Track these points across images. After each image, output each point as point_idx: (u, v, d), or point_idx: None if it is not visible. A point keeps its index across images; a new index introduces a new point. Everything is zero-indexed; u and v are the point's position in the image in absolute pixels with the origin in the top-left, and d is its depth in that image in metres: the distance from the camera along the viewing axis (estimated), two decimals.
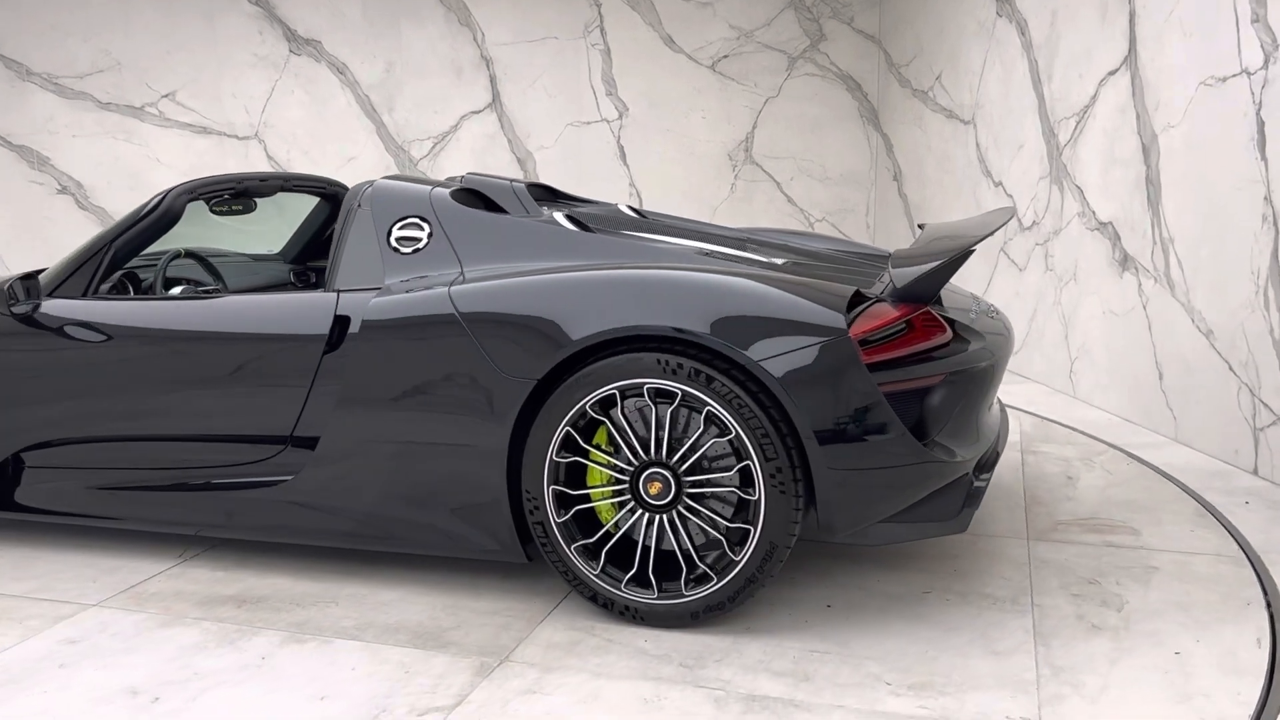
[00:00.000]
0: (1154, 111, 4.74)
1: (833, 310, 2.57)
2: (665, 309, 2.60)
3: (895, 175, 8.02)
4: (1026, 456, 4.32)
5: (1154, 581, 3.00)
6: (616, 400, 2.63)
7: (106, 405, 3.24)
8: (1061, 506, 3.67)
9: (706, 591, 2.64)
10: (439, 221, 3.03)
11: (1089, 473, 4.08)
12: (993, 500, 3.71)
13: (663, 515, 2.67)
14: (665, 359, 2.57)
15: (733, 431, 2.56)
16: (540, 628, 2.73)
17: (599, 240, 2.98)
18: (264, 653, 2.63)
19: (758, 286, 2.65)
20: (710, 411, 2.57)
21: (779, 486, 2.55)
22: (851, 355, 2.51)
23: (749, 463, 2.56)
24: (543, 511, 2.72)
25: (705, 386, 2.56)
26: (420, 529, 2.88)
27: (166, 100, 7.37)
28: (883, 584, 2.98)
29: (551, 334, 2.66)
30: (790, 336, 2.55)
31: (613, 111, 7.97)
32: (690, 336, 2.57)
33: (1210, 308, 4.38)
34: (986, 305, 3.36)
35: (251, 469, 3.07)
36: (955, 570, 3.08)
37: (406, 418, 2.82)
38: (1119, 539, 3.34)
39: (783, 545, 2.58)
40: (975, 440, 2.79)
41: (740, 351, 2.53)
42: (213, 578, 3.16)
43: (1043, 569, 3.09)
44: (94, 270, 3.35)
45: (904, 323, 2.66)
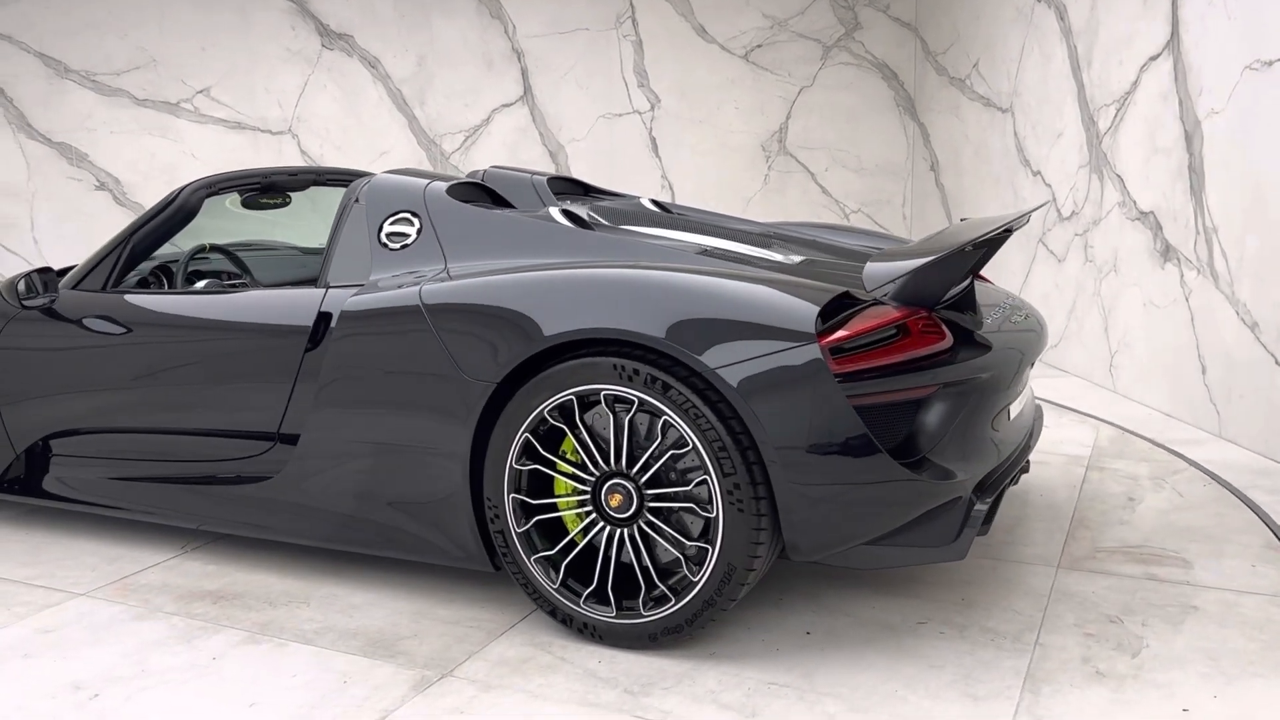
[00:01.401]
0: (1197, 97, 4.60)
1: (802, 314, 2.37)
2: (621, 311, 2.45)
3: (932, 165, 7.89)
4: (1091, 473, 3.98)
5: (1187, 624, 2.69)
6: (574, 406, 2.50)
7: (114, 397, 3.31)
8: (1110, 531, 3.35)
9: (665, 613, 2.48)
10: (429, 217, 2.96)
11: (1156, 494, 3.73)
12: (1031, 521, 3.43)
13: (624, 529, 2.52)
14: (622, 364, 2.43)
15: (689, 443, 2.39)
16: (497, 641, 2.64)
17: (593, 238, 2.85)
18: (218, 653, 2.65)
19: (725, 288, 2.47)
20: (667, 421, 2.42)
21: (737, 504, 2.36)
22: (817, 364, 2.30)
23: (706, 477, 2.40)
24: (503, 520, 2.61)
25: (661, 394, 2.40)
26: (393, 533, 2.82)
27: (201, 96, 7.43)
28: (876, 611, 2.77)
29: (509, 336, 2.55)
30: (752, 342, 2.36)
31: (645, 103, 7.91)
32: (643, 340, 2.41)
33: (1256, 300, 4.24)
34: (1015, 303, 3.19)
35: (243, 465, 3.08)
36: (962, 599, 2.84)
37: (377, 418, 2.76)
38: (1164, 571, 3.02)
39: (742, 568, 2.39)
40: (978, 458, 2.55)
41: (695, 357, 2.36)
42: (203, 571, 3.20)
43: (1063, 602, 2.82)
44: (113, 264, 3.43)
45: (895, 328, 2.43)
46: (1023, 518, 3.47)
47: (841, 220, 8.21)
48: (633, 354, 2.44)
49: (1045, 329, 3.24)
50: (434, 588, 2.98)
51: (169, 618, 2.87)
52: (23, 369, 3.49)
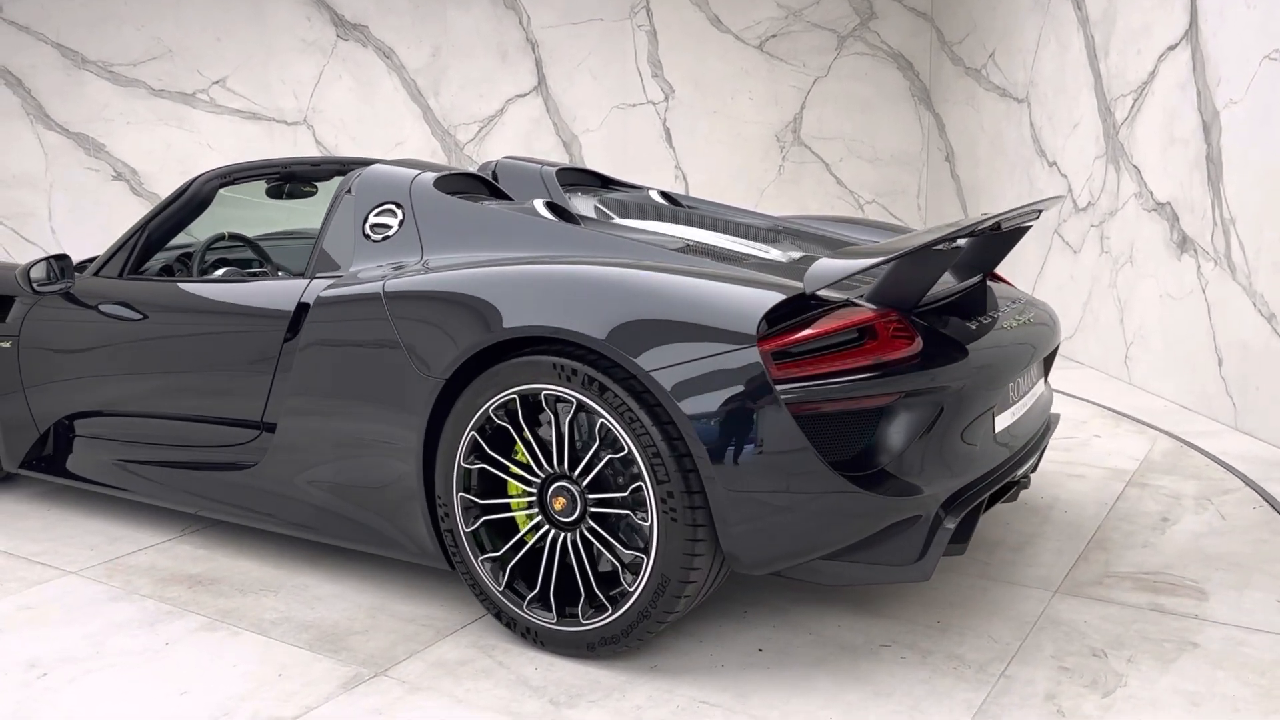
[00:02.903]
0: (1215, 87, 4.57)
1: (744, 316, 2.25)
2: (561, 308, 2.39)
3: (947, 156, 7.86)
4: (1130, 489, 3.69)
5: (1179, 662, 2.46)
6: (517, 405, 2.45)
7: (119, 380, 3.40)
8: (1128, 554, 3.10)
9: (602, 622, 2.41)
10: (411, 209, 2.95)
11: (1195, 515, 3.43)
12: (1045, 540, 3.21)
13: (568, 534, 2.46)
14: (561, 363, 2.36)
15: (625, 448, 2.32)
16: (444, 641, 2.62)
17: (575, 232, 2.79)
18: (174, 638, 2.70)
19: (670, 287, 2.37)
20: (605, 424, 2.34)
21: (670, 513, 2.27)
22: (755, 368, 2.19)
23: (641, 484, 2.31)
24: (452, 519, 2.59)
25: (598, 396, 2.32)
26: (359, 527, 2.83)
27: (217, 87, 7.46)
28: (840, 630, 2.64)
29: (459, 331, 2.52)
30: (690, 344, 2.25)
31: (659, 93, 7.90)
32: (579, 339, 2.34)
33: (1273, 291, 4.22)
34: (1023, 306, 3.02)
35: (232, 452, 3.12)
36: (938, 622, 2.67)
37: (342, 410, 2.76)
38: (1173, 602, 2.78)
39: (677, 580, 2.29)
40: (947, 472, 2.38)
41: (630, 358, 2.28)
42: (192, 555, 3.27)
43: (1048, 631, 2.62)
44: (129, 253, 3.52)
45: (860, 331, 2.29)
46: (1036, 535, 3.26)
47: (856, 211, 8.18)
48: (574, 353, 2.37)
49: (1057, 332, 3.11)
50: (399, 583, 2.99)
51: (142, 600, 2.93)
52: (41, 352, 3.61)
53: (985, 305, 2.84)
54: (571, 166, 3.69)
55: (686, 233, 3.07)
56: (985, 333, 2.65)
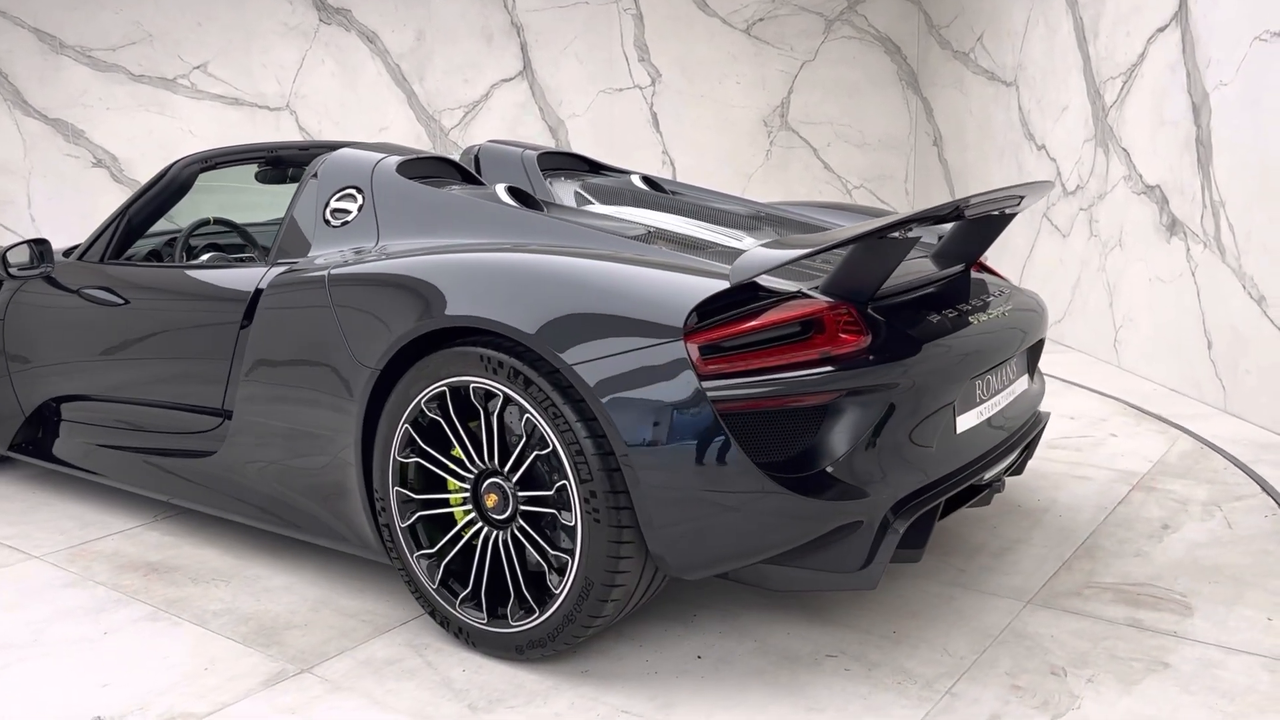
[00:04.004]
0: (1205, 69, 4.55)
1: (672, 308, 2.15)
2: (489, 298, 2.31)
3: (935, 140, 7.84)
4: (1136, 493, 3.50)
5: (1145, 683, 2.30)
6: (447, 397, 2.38)
7: (94, 365, 3.40)
8: (1116, 564, 2.94)
9: (530, 625, 2.34)
10: (371, 193, 2.90)
11: (1199, 523, 3.24)
12: (1029, 546, 3.05)
13: (501, 532, 2.39)
14: (489, 355, 2.29)
15: (550, 445, 2.24)
16: (379, 639, 2.58)
17: (534, 219, 2.71)
18: (114, 628, 2.69)
19: (601, 277, 2.29)
20: (531, 419, 2.26)
21: (594, 513, 2.19)
22: (681, 364, 2.11)
23: (565, 483, 2.23)
24: (389, 514, 2.53)
25: (523, 389, 2.25)
26: (307, 519, 2.79)
27: (198, 72, 7.37)
28: (788, 638, 2.53)
29: (393, 321, 2.46)
30: (616, 336, 2.17)
31: (645, 78, 7.85)
32: (503, 330, 2.26)
33: (1264, 273, 4.21)
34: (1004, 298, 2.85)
35: (195, 440, 3.10)
36: (894, 632, 2.55)
37: (287, 399, 2.73)
38: (1154, 618, 2.61)
39: (601, 583, 2.21)
40: (896, 475, 2.27)
41: (554, 351, 2.20)
42: (157, 543, 3.26)
43: (1009, 645, 2.48)
44: (110, 239, 3.50)
45: (803, 325, 2.19)
46: (1021, 541, 3.11)
47: (844, 197, 8.15)
48: (503, 345, 2.31)
49: (1041, 325, 2.98)
50: (349, 577, 2.96)
51: (95, 588, 2.93)
52: (24, 336, 3.63)
53: (962, 296, 2.69)
54: (557, 150, 3.65)
55: (659, 219, 3.00)
56: (954, 325, 2.50)
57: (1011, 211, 2.69)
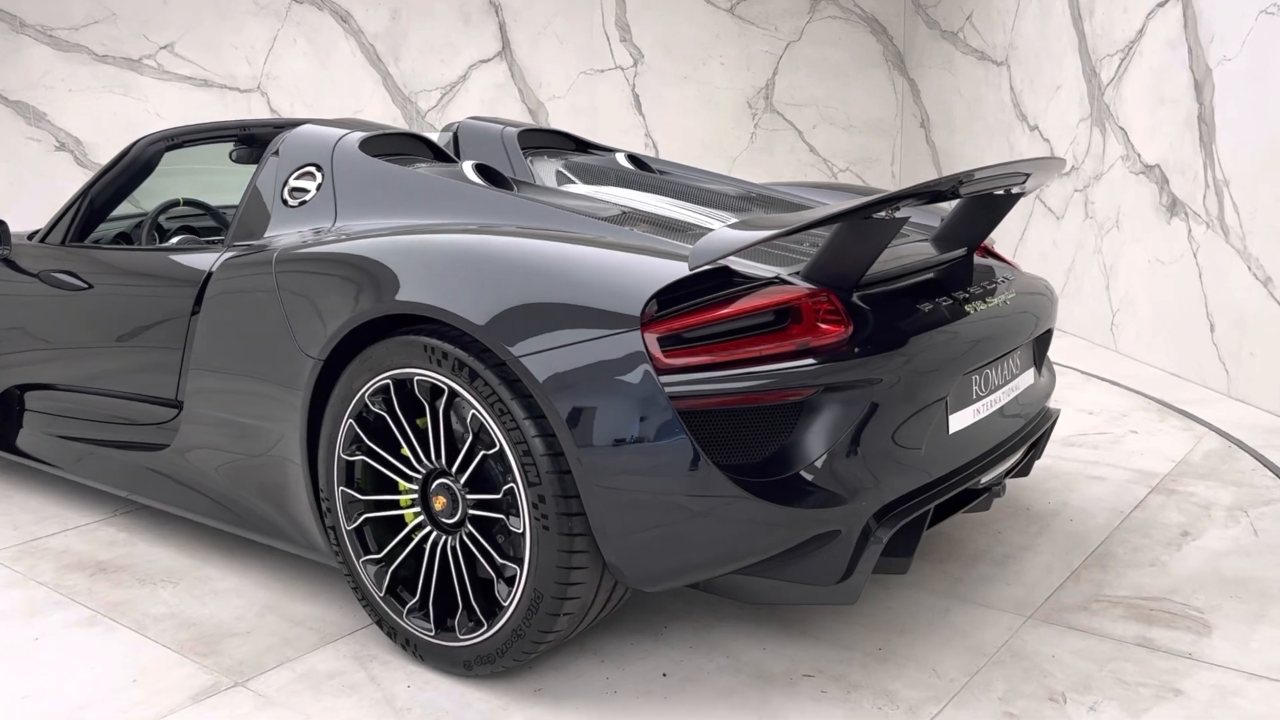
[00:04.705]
0: (1208, 45, 4.44)
1: (628, 296, 1.96)
2: (429, 283, 2.14)
3: (922, 122, 7.71)
4: (1155, 496, 3.26)
5: (1153, 713, 2.08)
6: (391, 391, 2.21)
7: (49, 353, 3.25)
8: (1129, 575, 2.70)
9: (478, 639, 2.16)
10: (331, 171, 2.72)
11: (1223, 530, 2.99)
12: (1035, 554, 2.82)
13: (450, 537, 2.21)
14: (433, 345, 2.11)
15: (496, 444, 2.06)
16: (324, 649, 2.42)
17: (502, 198, 2.52)
18: (48, 632, 2.55)
19: (556, 260, 2.11)
20: (477, 415, 2.08)
21: (542, 519, 2.01)
22: (637, 356, 1.92)
23: (513, 486, 2.05)
24: (335, 515, 2.36)
25: (468, 383, 2.07)
26: (256, 518, 2.64)
27: (165, 52, 7.12)
28: (763, 655, 2.33)
29: (337, 308, 2.29)
30: (568, 325, 1.99)
31: (627, 59, 7.67)
32: (446, 317, 2.08)
33: (1269, 253, 4.10)
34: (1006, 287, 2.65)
35: (150, 432, 2.94)
36: (879, 650, 2.34)
37: (234, 390, 2.57)
38: (1168, 636, 2.38)
39: (551, 596, 2.03)
40: (884, 479, 2.08)
41: (500, 342, 2.01)
42: (111, 540, 3.11)
43: (1006, 666, 2.26)
44: (70, 220, 3.32)
45: (777, 314, 2.01)
46: (1027, 548, 2.88)
47: (829, 180, 8.02)
48: (448, 334, 2.12)
49: (1047, 315, 2.78)
50: (302, 580, 2.80)
51: (37, 588, 2.79)
52: None
53: (962, 283, 2.48)
54: (543, 128, 3.51)
55: (640, 199, 2.84)
56: (950, 315, 2.30)
57: (1018, 191, 2.51)
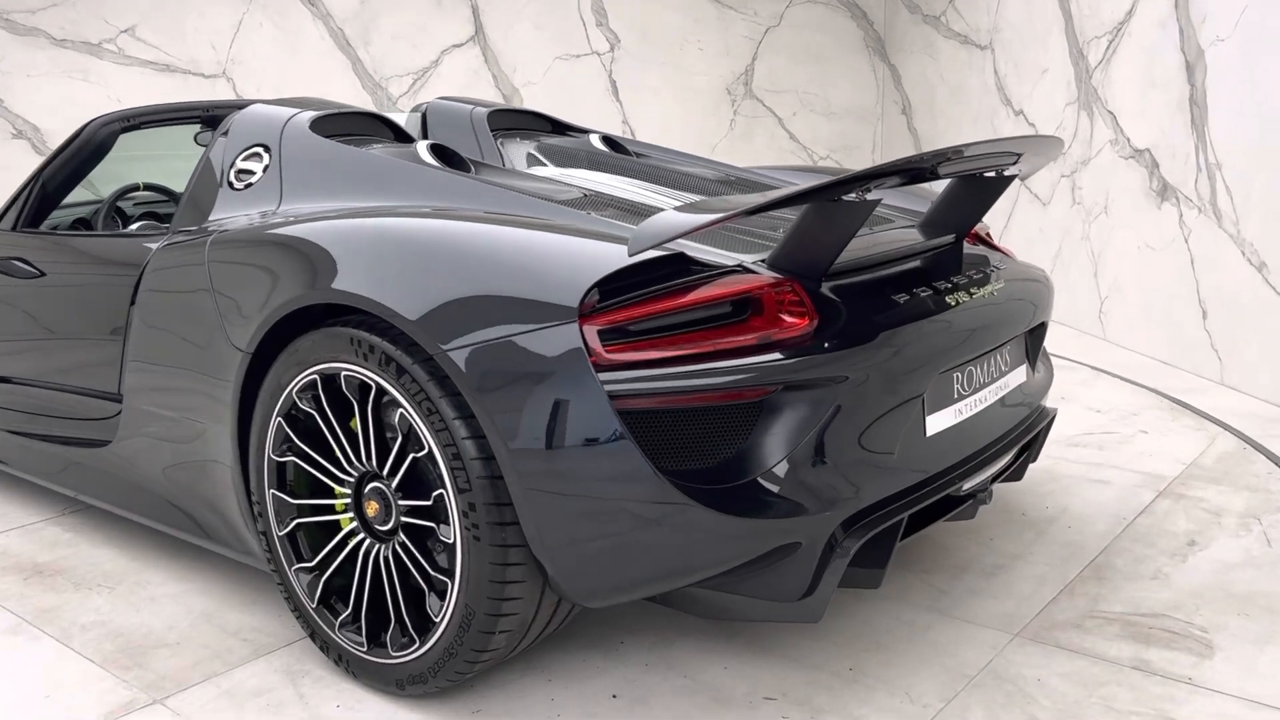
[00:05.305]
0: (1200, 25, 4.33)
1: (566, 285, 1.82)
2: (354, 269, 2.01)
3: (904, 109, 7.60)
4: (1161, 501, 3.06)
5: None
6: (319, 387, 2.07)
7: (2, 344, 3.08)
8: (1128, 589, 2.51)
9: (410, 657, 2.02)
10: (279, 152, 2.57)
11: (1233, 539, 2.79)
12: (1028, 564, 2.64)
13: (385, 545, 2.07)
14: (359, 337, 1.97)
15: (425, 445, 1.91)
16: (255, 662, 2.28)
17: (457, 181, 2.38)
18: None
19: (493, 246, 1.97)
20: (405, 414, 1.94)
21: (473, 529, 1.87)
22: (574, 350, 1.78)
23: (443, 491, 1.91)
24: (266, 520, 2.22)
25: (395, 378, 1.93)
26: (193, 520, 2.50)
27: (125, 36, 6.91)
28: (723, 675, 2.17)
29: (261, 296, 2.16)
30: (501, 316, 1.84)
31: (604, 43, 7.51)
32: (370, 306, 1.94)
33: (1264, 238, 4.01)
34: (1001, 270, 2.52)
35: (94, 427, 2.78)
36: (848, 670, 2.17)
37: (167, 386, 2.43)
38: (1167, 658, 2.19)
39: (484, 613, 1.89)
40: (851, 486, 1.92)
41: (427, 334, 1.87)
42: (54, 540, 2.97)
43: (986, 689, 2.09)
44: (22, 206, 3.16)
45: (736, 304, 1.86)
46: (1019, 558, 2.70)
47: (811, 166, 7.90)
48: (377, 325, 1.98)
49: (1040, 307, 2.63)
50: (245, 587, 2.65)
51: None
52: None
53: (948, 272, 2.31)
54: (514, 109, 3.38)
55: (609, 182, 2.70)
56: (932, 307, 2.13)
57: (1010, 174, 2.35)
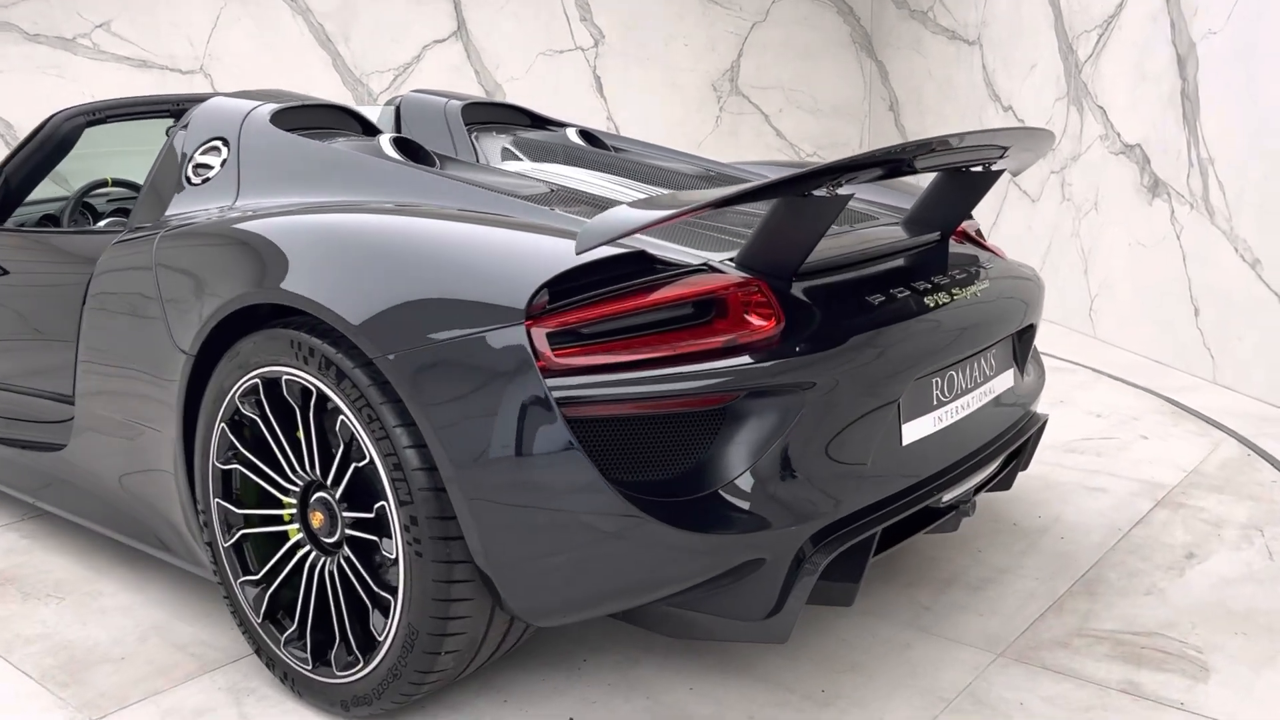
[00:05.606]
0: (1191, 18, 4.27)
1: (514, 284, 1.73)
2: (295, 268, 1.93)
3: (891, 105, 7.53)
4: (1159, 511, 2.93)
5: None
6: (261, 392, 2.00)
7: None
8: (1120, 605, 2.39)
9: (353, 677, 1.95)
10: (238, 146, 2.49)
11: (1235, 552, 2.68)
12: (1016, 578, 2.53)
13: (331, 559, 1.99)
14: (300, 339, 1.89)
15: (366, 455, 1.83)
16: (200, 679, 2.19)
17: (415, 175, 2.31)
18: None
19: (440, 244, 1.90)
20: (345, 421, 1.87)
21: (414, 544, 1.78)
22: (520, 354, 1.69)
23: (384, 504, 1.83)
24: (212, 530, 2.15)
25: (335, 383, 1.84)
26: (143, 528, 2.42)
27: (101, 31, 6.78)
28: (688, 697, 2.07)
29: (204, 296, 2.10)
30: (445, 319, 1.76)
31: (587, 39, 7.42)
32: (308, 307, 1.87)
33: (1257, 234, 3.95)
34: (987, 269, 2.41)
35: (49, 431, 2.70)
36: (820, 692, 2.07)
37: (115, 390, 2.35)
38: (1159, 681, 2.08)
39: (429, 632, 1.81)
40: (820, 499, 1.84)
41: (367, 336, 1.79)
42: (10, 548, 2.89)
43: (962, 715, 2.00)
44: None
45: (698, 305, 1.78)
46: (1008, 571, 2.58)
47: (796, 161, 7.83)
48: (318, 327, 1.90)
49: (1028, 308, 2.54)
50: (199, 599, 2.55)
51: None
52: None
53: (931, 272, 2.21)
54: (492, 102, 3.32)
55: (582, 177, 2.62)
56: (912, 309, 2.03)
57: (999, 168, 2.25)
